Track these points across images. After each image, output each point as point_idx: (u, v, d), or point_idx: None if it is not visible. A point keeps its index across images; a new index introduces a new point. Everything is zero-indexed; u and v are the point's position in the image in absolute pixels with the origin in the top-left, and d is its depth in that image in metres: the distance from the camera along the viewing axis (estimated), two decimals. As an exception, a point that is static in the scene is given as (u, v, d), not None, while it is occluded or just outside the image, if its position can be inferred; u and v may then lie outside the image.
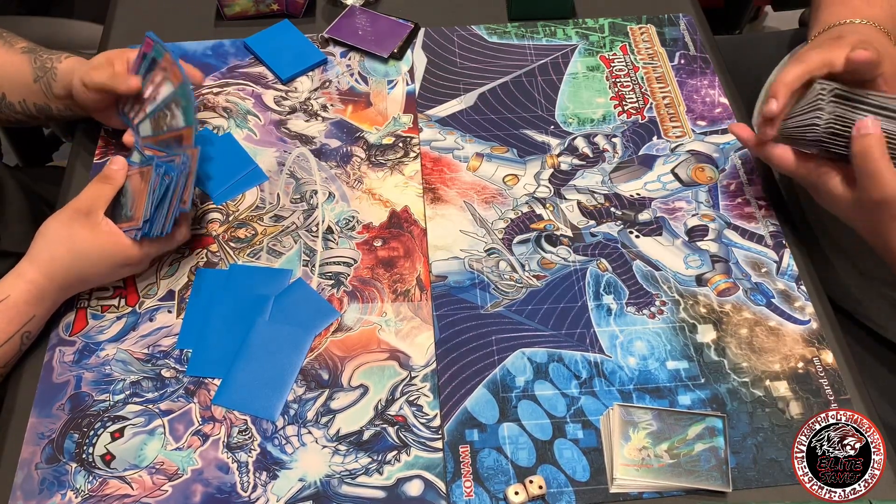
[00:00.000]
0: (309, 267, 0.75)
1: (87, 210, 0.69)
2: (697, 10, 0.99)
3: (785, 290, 0.73)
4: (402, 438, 0.65)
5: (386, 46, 0.93)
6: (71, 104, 0.79)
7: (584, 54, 0.94)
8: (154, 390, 0.68)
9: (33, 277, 0.67)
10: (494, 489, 0.62)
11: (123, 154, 0.83)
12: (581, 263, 0.76)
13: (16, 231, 0.84)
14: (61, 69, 0.78)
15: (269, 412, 0.66)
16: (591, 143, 0.85)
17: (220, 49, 0.94)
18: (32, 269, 0.67)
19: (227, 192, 0.81)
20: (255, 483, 0.63)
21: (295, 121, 0.87)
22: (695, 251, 0.76)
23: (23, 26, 0.90)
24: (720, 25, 1.66)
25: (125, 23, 0.97)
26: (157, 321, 0.72)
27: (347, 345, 0.70)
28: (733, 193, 0.81)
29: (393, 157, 0.84)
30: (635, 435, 0.62)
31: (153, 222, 0.68)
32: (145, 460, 0.64)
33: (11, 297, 0.65)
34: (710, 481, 0.61)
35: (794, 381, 0.68)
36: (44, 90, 0.79)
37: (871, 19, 0.73)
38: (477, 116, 0.88)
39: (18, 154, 1.33)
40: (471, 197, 0.81)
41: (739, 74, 0.94)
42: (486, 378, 0.68)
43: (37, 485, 0.63)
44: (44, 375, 0.68)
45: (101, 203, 0.70)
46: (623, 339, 0.71)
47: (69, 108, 0.80)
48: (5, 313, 0.65)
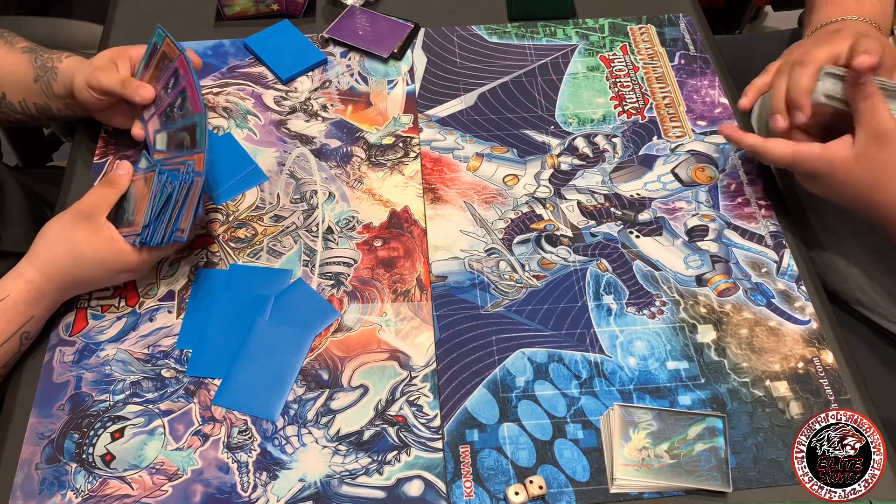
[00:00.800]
0: (309, 267, 0.75)
1: (89, 213, 0.68)
2: (697, 10, 0.99)
3: (785, 291, 0.74)
4: (403, 438, 0.65)
5: (386, 46, 0.93)
6: (71, 103, 0.79)
7: (584, 54, 0.94)
8: (154, 390, 0.68)
9: (32, 277, 0.67)
10: (494, 489, 0.62)
11: (124, 155, 0.83)
12: (581, 263, 0.76)
13: (16, 232, 0.84)
14: (62, 68, 0.78)
15: (269, 412, 0.66)
16: (592, 143, 0.85)
17: (220, 49, 0.94)
18: (31, 269, 0.67)
19: (228, 192, 0.81)
20: (255, 483, 0.63)
21: (295, 121, 0.87)
22: (695, 251, 0.76)
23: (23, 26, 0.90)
24: (720, 25, 1.66)
25: (125, 23, 0.97)
26: (157, 321, 0.72)
27: (347, 345, 0.70)
28: (733, 193, 0.81)
29: (393, 157, 0.84)
30: (635, 435, 0.62)
31: (153, 231, 0.68)
32: (145, 460, 0.64)
33: (10, 298, 0.65)
34: (711, 481, 0.61)
35: (795, 382, 0.68)
36: (44, 90, 0.79)
37: (862, 15, 0.76)
38: (477, 116, 0.88)
39: (18, 154, 1.33)
40: (471, 197, 0.81)
41: (739, 74, 0.93)
42: (487, 378, 0.68)
43: (37, 485, 0.63)
44: (44, 375, 0.68)
45: (104, 207, 0.69)
46: (623, 339, 0.71)
47: (69, 107, 0.80)
48: (4, 313, 0.65)
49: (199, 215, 0.69)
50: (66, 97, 0.78)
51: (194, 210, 0.68)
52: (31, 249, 0.68)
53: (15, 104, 0.80)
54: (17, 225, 0.85)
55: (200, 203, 0.69)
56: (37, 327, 0.69)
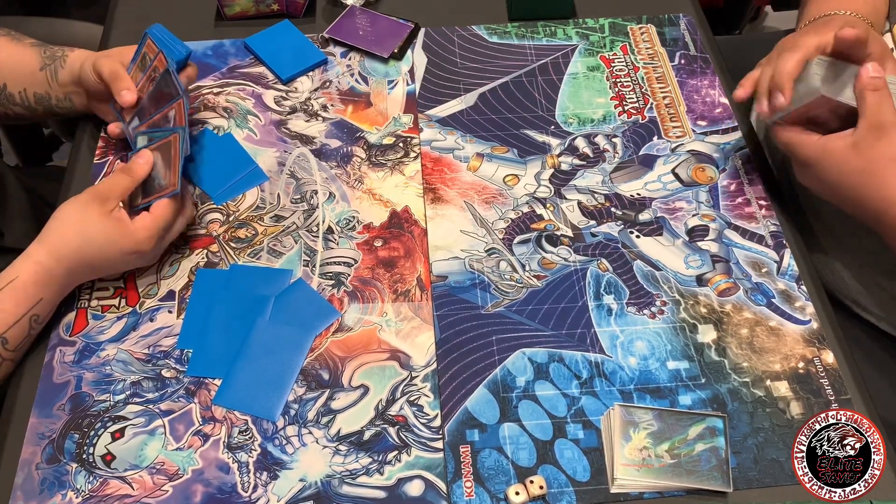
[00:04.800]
0: (309, 267, 0.75)
1: (103, 197, 0.69)
2: (697, 10, 0.99)
3: (785, 290, 0.74)
4: (403, 438, 0.65)
5: (386, 46, 0.93)
6: (73, 92, 0.80)
7: (584, 54, 0.94)
8: (154, 390, 0.68)
9: (41, 258, 0.67)
10: (495, 489, 0.62)
11: (124, 155, 0.83)
12: (581, 263, 0.76)
13: (18, 228, 0.84)
14: (72, 56, 0.80)
15: (270, 412, 0.66)
16: (592, 143, 0.85)
17: (220, 49, 0.94)
18: (41, 250, 0.67)
19: (228, 193, 0.81)
20: (256, 483, 0.63)
21: (295, 121, 0.87)
22: (695, 251, 0.76)
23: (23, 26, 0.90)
24: (720, 25, 1.66)
25: (125, 23, 0.97)
26: (157, 321, 0.72)
27: (348, 345, 0.70)
28: (734, 193, 0.81)
29: (393, 157, 0.84)
30: (636, 435, 0.62)
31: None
32: (146, 460, 0.64)
33: (20, 279, 0.66)
34: (711, 481, 0.61)
35: (795, 381, 0.68)
36: (48, 78, 0.80)
37: (855, 12, 0.76)
38: (477, 116, 0.88)
39: (18, 154, 1.33)
40: (471, 197, 0.81)
41: (739, 74, 0.93)
42: (487, 378, 0.68)
43: (37, 485, 0.63)
44: (44, 375, 0.68)
45: (118, 193, 0.70)
46: (623, 339, 0.71)
47: (69, 97, 0.81)
48: (13, 295, 0.65)
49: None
50: (70, 85, 0.80)
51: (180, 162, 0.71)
52: (43, 231, 0.69)
53: (15, 95, 0.81)
54: (20, 221, 0.85)
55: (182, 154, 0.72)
56: (46, 311, 0.69)
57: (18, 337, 0.66)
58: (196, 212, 0.79)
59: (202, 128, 0.86)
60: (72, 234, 0.68)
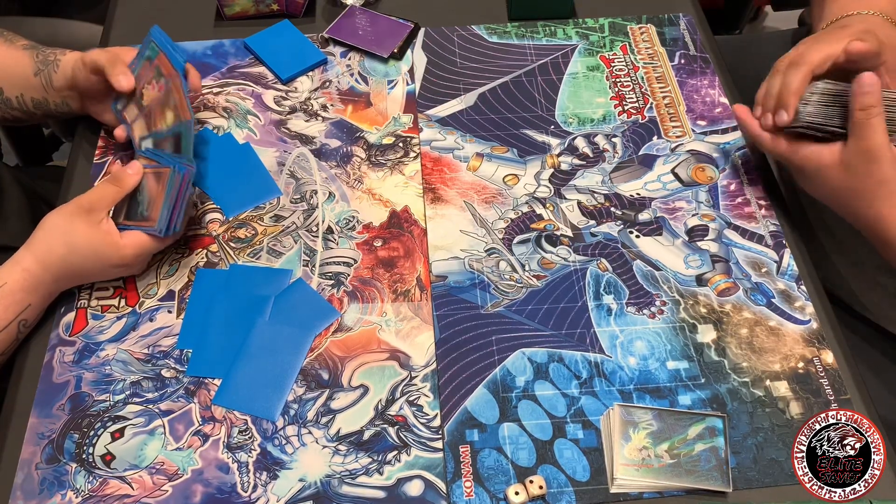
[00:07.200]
0: (309, 267, 0.75)
1: (89, 207, 0.69)
2: (697, 10, 0.99)
3: (785, 290, 0.73)
4: (403, 438, 0.65)
5: (386, 46, 0.93)
6: (69, 96, 0.80)
7: (584, 54, 0.94)
8: (154, 390, 0.68)
9: (29, 266, 0.67)
10: (495, 489, 0.62)
11: (124, 155, 0.83)
12: (581, 263, 0.76)
13: (14, 226, 0.84)
14: (65, 60, 0.79)
15: (270, 412, 0.66)
16: (592, 143, 0.85)
17: (220, 49, 0.94)
18: (29, 258, 0.67)
19: (240, 205, 0.80)
20: (256, 483, 0.63)
21: (295, 121, 0.87)
22: (695, 251, 0.76)
23: (23, 27, 0.90)
24: (720, 25, 1.66)
25: (125, 23, 0.97)
26: (157, 321, 0.72)
27: (347, 345, 0.70)
28: (733, 193, 0.81)
29: (393, 157, 0.84)
30: (636, 435, 0.62)
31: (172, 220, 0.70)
32: (145, 460, 0.64)
33: (8, 285, 0.66)
34: (711, 481, 0.61)
35: (795, 381, 0.68)
36: (44, 83, 0.79)
37: (878, 10, 0.74)
38: (477, 116, 0.88)
39: (18, 154, 1.33)
40: (471, 197, 0.81)
41: (739, 74, 0.94)
42: (487, 378, 0.68)
43: (37, 485, 0.63)
44: (44, 375, 0.68)
45: (106, 203, 0.70)
46: (623, 339, 0.71)
47: (66, 101, 0.80)
48: (2, 300, 0.66)
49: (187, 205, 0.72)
50: (66, 89, 0.79)
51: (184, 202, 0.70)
52: (30, 239, 0.69)
53: (12, 99, 0.81)
54: (16, 219, 0.85)
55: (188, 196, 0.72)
56: (34, 316, 0.69)
57: (6, 341, 0.67)
58: (196, 212, 0.79)
59: (202, 127, 0.86)
60: (58, 244, 0.68)
